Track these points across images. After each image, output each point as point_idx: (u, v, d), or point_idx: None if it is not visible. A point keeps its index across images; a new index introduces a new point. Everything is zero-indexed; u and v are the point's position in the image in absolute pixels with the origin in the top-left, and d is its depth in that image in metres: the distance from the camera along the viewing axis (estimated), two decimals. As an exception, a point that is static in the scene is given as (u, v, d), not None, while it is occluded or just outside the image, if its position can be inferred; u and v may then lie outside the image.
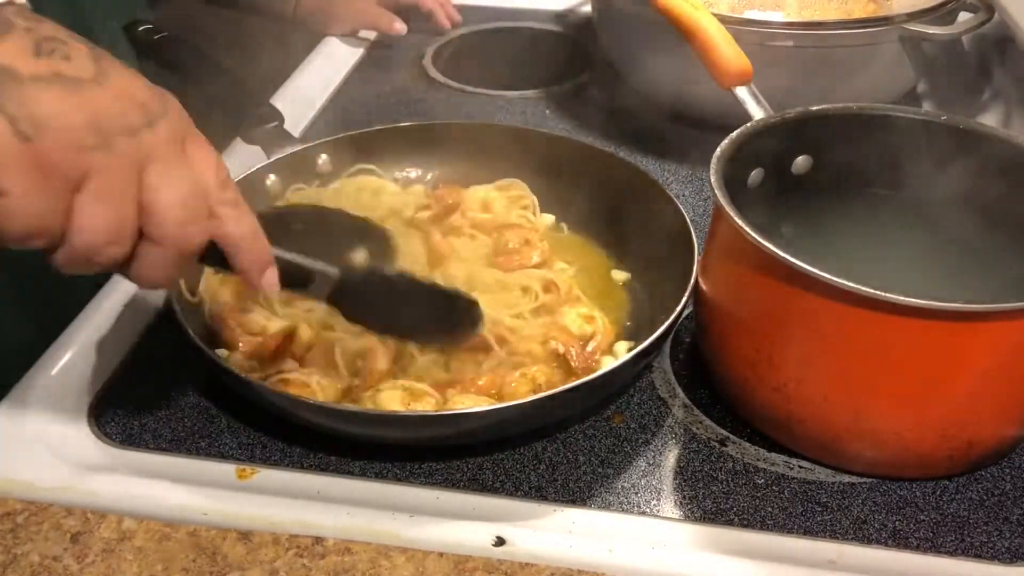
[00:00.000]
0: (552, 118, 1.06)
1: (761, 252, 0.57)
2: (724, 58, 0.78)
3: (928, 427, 0.59)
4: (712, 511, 0.60)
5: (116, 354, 0.71)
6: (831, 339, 0.57)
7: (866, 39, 0.91)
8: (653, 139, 0.97)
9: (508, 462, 0.63)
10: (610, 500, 0.60)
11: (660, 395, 0.69)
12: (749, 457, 0.64)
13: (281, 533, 0.57)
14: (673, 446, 0.65)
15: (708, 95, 0.79)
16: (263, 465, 0.62)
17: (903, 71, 0.96)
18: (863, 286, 0.53)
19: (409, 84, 1.14)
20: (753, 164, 0.68)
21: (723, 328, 0.65)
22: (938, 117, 0.69)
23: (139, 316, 0.74)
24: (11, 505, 0.58)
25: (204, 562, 0.55)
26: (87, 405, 0.67)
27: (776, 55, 0.89)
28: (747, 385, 0.63)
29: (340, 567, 0.55)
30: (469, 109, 1.09)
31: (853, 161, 0.71)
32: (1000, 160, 0.66)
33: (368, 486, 0.61)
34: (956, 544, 0.58)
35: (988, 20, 0.94)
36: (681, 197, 0.91)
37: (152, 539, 0.56)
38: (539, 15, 1.31)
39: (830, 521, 0.59)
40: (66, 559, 0.55)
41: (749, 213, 0.59)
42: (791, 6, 1.10)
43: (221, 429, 0.65)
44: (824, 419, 0.60)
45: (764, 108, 0.75)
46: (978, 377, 0.56)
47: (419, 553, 0.55)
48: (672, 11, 0.83)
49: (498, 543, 0.57)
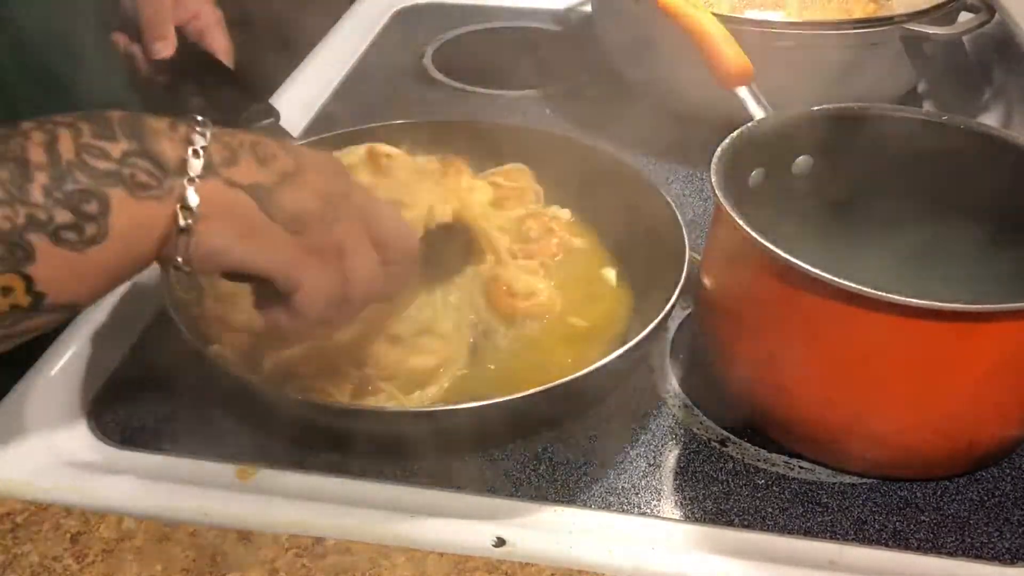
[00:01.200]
0: (552, 118, 1.06)
1: (761, 252, 0.57)
2: (725, 58, 0.78)
3: (928, 427, 0.59)
4: (712, 511, 0.60)
5: (115, 354, 0.71)
6: (831, 339, 0.57)
7: (866, 39, 0.91)
8: (653, 139, 0.97)
9: (508, 462, 0.63)
10: (610, 500, 0.60)
11: (660, 395, 0.69)
12: (749, 457, 0.64)
13: (281, 533, 0.56)
14: (673, 446, 0.65)
15: (708, 95, 0.79)
16: (263, 465, 0.62)
17: (903, 71, 0.96)
18: (863, 286, 0.53)
19: (409, 83, 1.14)
20: (753, 164, 0.68)
21: (723, 328, 0.65)
22: (938, 117, 0.69)
23: (138, 316, 0.74)
24: (11, 505, 0.58)
25: (204, 562, 0.55)
26: (87, 405, 0.67)
27: (776, 55, 0.89)
28: (747, 385, 0.63)
29: (340, 567, 0.55)
30: (469, 108, 1.09)
31: (853, 161, 0.71)
32: (1000, 160, 0.66)
33: (368, 486, 0.61)
34: (956, 545, 0.58)
35: (988, 20, 0.94)
36: (681, 197, 0.91)
37: (152, 539, 0.56)
38: (539, 15, 1.30)
39: (830, 522, 0.59)
40: (66, 559, 0.55)
41: (749, 213, 0.59)
42: (791, 6, 1.10)
43: (221, 429, 0.65)
44: (824, 419, 0.60)
45: (764, 108, 0.75)
46: (978, 377, 0.56)
47: (419, 553, 0.55)
48: (672, 11, 0.83)
49: (498, 543, 0.57)
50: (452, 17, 1.28)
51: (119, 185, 0.45)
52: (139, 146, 0.46)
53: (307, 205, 0.49)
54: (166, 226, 0.46)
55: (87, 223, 0.44)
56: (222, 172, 0.47)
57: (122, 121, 0.46)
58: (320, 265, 0.50)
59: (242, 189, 0.47)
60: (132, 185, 0.45)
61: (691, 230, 0.71)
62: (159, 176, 0.45)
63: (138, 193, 0.45)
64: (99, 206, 0.44)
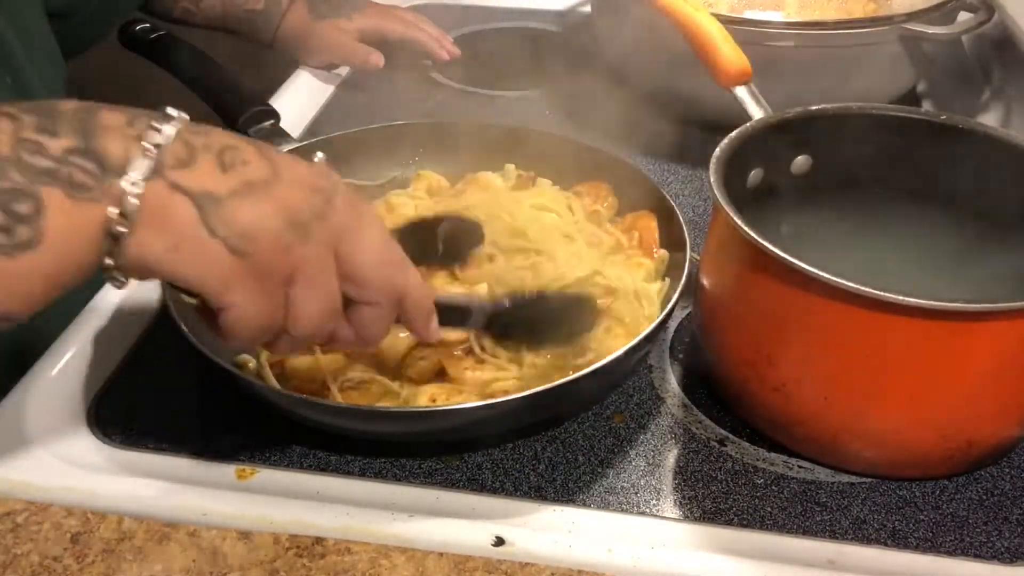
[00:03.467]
0: (552, 118, 1.06)
1: (761, 252, 0.57)
2: (723, 58, 0.78)
3: (928, 427, 0.59)
4: (711, 511, 0.60)
5: (115, 354, 0.71)
6: (831, 339, 0.58)
7: (866, 39, 0.91)
8: (653, 139, 0.97)
9: (508, 462, 0.63)
10: (610, 500, 0.60)
11: (660, 395, 0.69)
12: (748, 457, 0.64)
13: (281, 533, 0.57)
14: (672, 446, 0.65)
15: (707, 95, 0.79)
16: (263, 465, 0.62)
17: (903, 71, 0.96)
18: (863, 286, 0.53)
19: (409, 84, 1.14)
20: (753, 164, 0.68)
21: (723, 328, 0.65)
22: (938, 117, 0.69)
23: (138, 316, 0.74)
24: (11, 505, 0.58)
25: (204, 562, 0.55)
26: (87, 405, 0.67)
27: (776, 55, 0.89)
28: (747, 385, 0.63)
29: (340, 567, 0.55)
30: (469, 109, 1.09)
31: (853, 161, 0.71)
32: (1000, 160, 0.66)
33: (368, 486, 0.61)
34: (955, 544, 0.58)
35: (988, 20, 0.94)
36: (681, 197, 0.91)
37: (152, 539, 0.56)
38: (539, 15, 1.31)
39: (829, 521, 0.59)
40: (66, 559, 0.55)
41: (749, 213, 0.59)
42: (791, 6, 1.10)
43: (221, 429, 0.65)
44: (823, 419, 0.60)
45: (764, 108, 0.75)
46: (978, 377, 0.56)
47: (419, 553, 0.55)
48: (672, 11, 0.83)
49: (497, 543, 0.57)
50: (452, 17, 1.28)
51: (55, 184, 0.41)
52: (83, 143, 0.42)
53: (264, 222, 0.45)
54: (101, 231, 0.42)
55: (18, 225, 0.41)
56: (169, 175, 0.43)
57: (73, 114, 0.43)
58: (258, 290, 0.45)
59: (187, 195, 0.43)
60: (70, 185, 0.41)
61: (691, 230, 0.72)
62: (99, 176, 0.42)
63: (75, 194, 0.41)
64: (32, 206, 0.41)
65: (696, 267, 0.68)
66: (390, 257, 0.50)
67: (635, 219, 0.77)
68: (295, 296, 0.47)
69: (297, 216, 0.46)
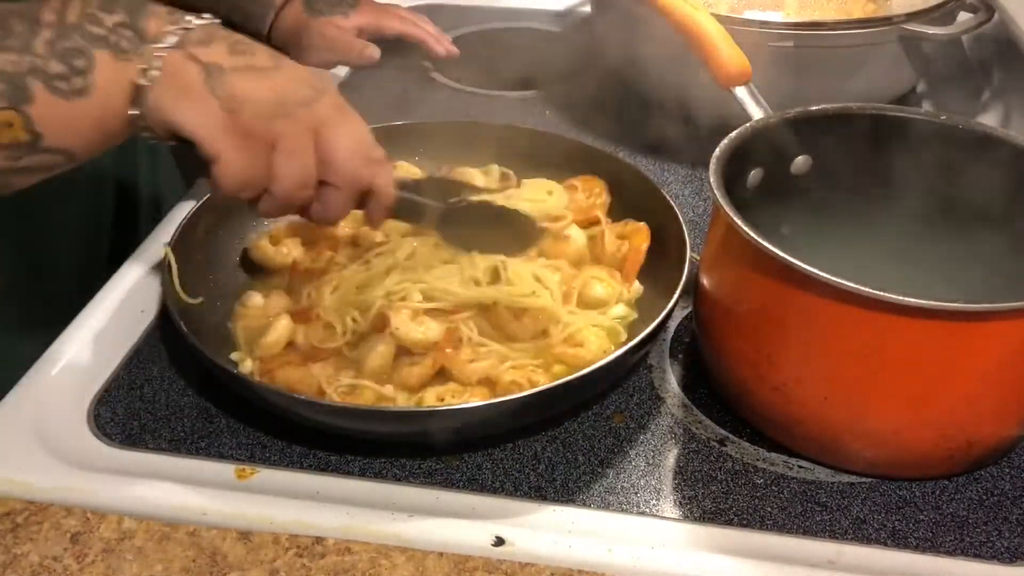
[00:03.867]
0: (552, 118, 1.06)
1: (761, 252, 0.57)
2: (723, 58, 0.78)
3: (927, 427, 0.59)
4: (711, 511, 0.60)
5: (116, 354, 0.71)
6: (831, 339, 0.58)
7: (866, 39, 0.91)
8: (653, 139, 0.97)
9: (507, 462, 0.63)
10: (609, 500, 0.60)
11: (660, 395, 0.69)
12: (748, 457, 0.64)
13: (281, 533, 0.57)
14: (673, 446, 0.65)
15: (708, 95, 0.79)
16: (263, 465, 0.62)
17: (903, 71, 0.96)
18: (863, 286, 0.53)
19: (409, 84, 1.14)
20: (753, 164, 0.69)
21: (723, 328, 0.65)
22: (938, 117, 0.69)
23: (138, 316, 0.74)
24: (11, 505, 0.58)
25: (204, 562, 0.55)
26: (87, 405, 0.67)
27: (776, 55, 0.89)
28: (747, 385, 0.63)
29: (340, 567, 0.55)
30: (469, 109, 1.09)
31: (853, 161, 0.71)
32: (1000, 160, 0.66)
33: (368, 486, 0.61)
34: (955, 544, 0.58)
35: (988, 20, 0.94)
36: (681, 197, 0.91)
37: (152, 539, 0.56)
38: (539, 15, 1.30)
39: (829, 521, 0.59)
40: (66, 559, 0.55)
41: (749, 213, 0.59)
42: (791, 6, 1.10)
43: (221, 429, 0.65)
44: (823, 419, 0.60)
45: (764, 108, 0.75)
46: (977, 377, 0.56)
47: (419, 553, 0.55)
48: (671, 11, 0.83)
49: (497, 543, 0.57)
50: (452, 18, 1.27)
51: (105, 48, 0.53)
52: (131, 20, 0.54)
53: (255, 94, 0.54)
54: (133, 85, 0.53)
55: (75, 76, 0.52)
56: (188, 48, 0.54)
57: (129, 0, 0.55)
58: (242, 147, 0.55)
59: (198, 63, 0.54)
60: (116, 49, 0.53)
61: (691, 230, 0.72)
62: (137, 44, 0.53)
63: (118, 56, 0.53)
64: (86, 62, 0.52)
65: (696, 267, 0.68)
66: (363, 152, 0.59)
67: (632, 232, 0.76)
68: (275, 160, 0.56)
69: (285, 98, 0.55)
